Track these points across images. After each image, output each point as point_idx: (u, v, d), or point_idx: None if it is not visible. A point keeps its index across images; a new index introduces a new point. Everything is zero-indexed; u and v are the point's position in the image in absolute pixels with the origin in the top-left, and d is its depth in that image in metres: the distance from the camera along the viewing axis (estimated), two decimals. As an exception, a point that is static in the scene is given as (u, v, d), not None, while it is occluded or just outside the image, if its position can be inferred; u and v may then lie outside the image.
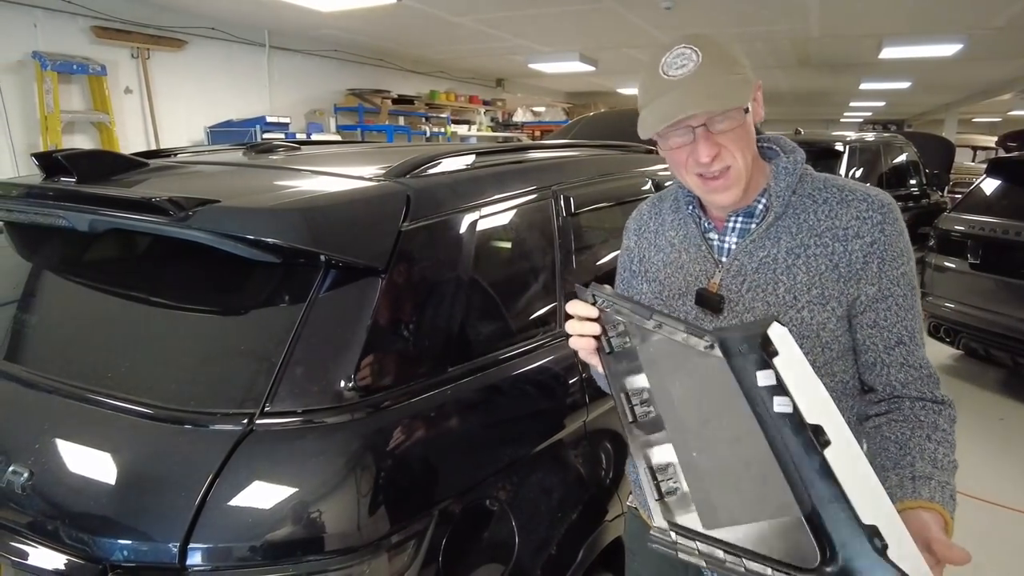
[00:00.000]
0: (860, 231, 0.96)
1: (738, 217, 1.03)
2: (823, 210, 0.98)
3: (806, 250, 0.97)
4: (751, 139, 0.97)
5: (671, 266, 1.09)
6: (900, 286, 0.97)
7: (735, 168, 0.95)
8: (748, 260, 1.00)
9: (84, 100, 5.17)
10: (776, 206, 0.99)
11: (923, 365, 0.99)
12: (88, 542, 0.94)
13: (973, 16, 5.62)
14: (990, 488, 3.05)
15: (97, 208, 1.18)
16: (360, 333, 1.06)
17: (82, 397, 1.08)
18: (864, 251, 0.96)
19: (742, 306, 1.00)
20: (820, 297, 0.97)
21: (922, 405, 0.98)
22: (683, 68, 0.91)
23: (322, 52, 7.38)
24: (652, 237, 1.15)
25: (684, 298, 1.06)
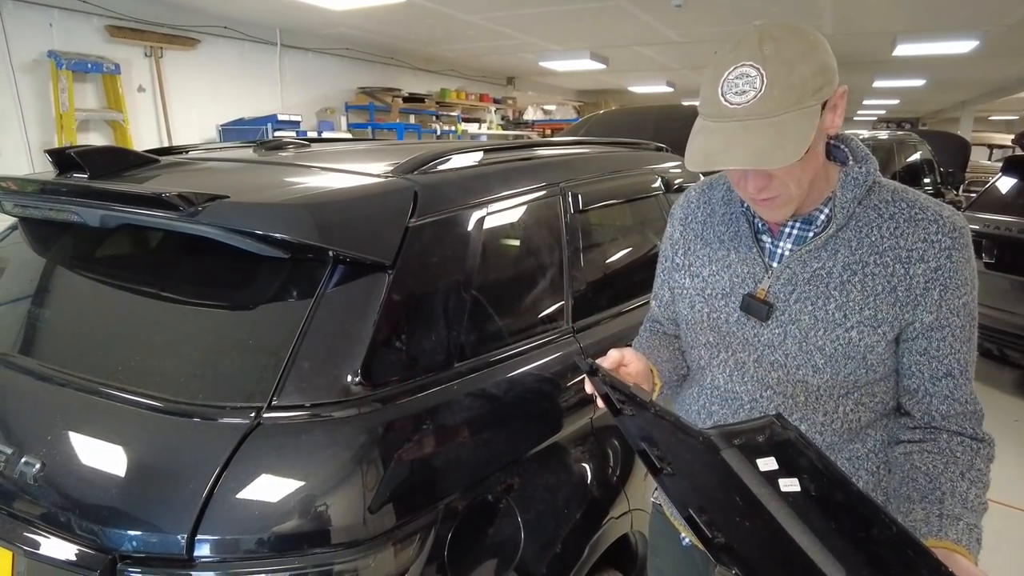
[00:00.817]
0: (926, 255, 0.89)
1: (796, 223, 0.97)
2: (888, 226, 0.91)
3: (864, 267, 0.91)
4: (812, 165, 0.89)
5: (718, 263, 1.04)
6: (960, 316, 0.91)
7: (785, 195, 0.89)
8: (801, 269, 0.95)
9: (98, 99, 5.22)
10: (839, 217, 0.92)
11: (969, 400, 0.94)
12: (98, 532, 0.95)
13: (988, 13, 5.55)
14: (1004, 491, 3.01)
15: (108, 203, 1.19)
16: (367, 328, 1.07)
17: (93, 390, 1.09)
18: (927, 276, 0.89)
19: (788, 316, 0.95)
20: (872, 319, 0.91)
21: (960, 440, 0.93)
22: (743, 96, 0.81)
23: (333, 50, 7.41)
24: (699, 229, 1.09)
25: (728, 299, 1.01)
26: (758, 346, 0.98)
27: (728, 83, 0.83)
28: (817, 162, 0.91)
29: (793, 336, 0.95)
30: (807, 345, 0.94)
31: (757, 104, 0.81)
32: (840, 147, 0.98)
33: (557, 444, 1.37)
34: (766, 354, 0.98)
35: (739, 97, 0.82)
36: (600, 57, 7.94)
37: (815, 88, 0.82)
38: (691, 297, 1.07)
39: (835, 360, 0.93)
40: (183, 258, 1.30)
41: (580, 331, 1.53)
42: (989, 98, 12.40)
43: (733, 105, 0.82)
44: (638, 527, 1.56)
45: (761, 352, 0.98)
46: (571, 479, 1.38)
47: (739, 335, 1.00)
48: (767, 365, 0.98)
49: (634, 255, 1.96)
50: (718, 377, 1.06)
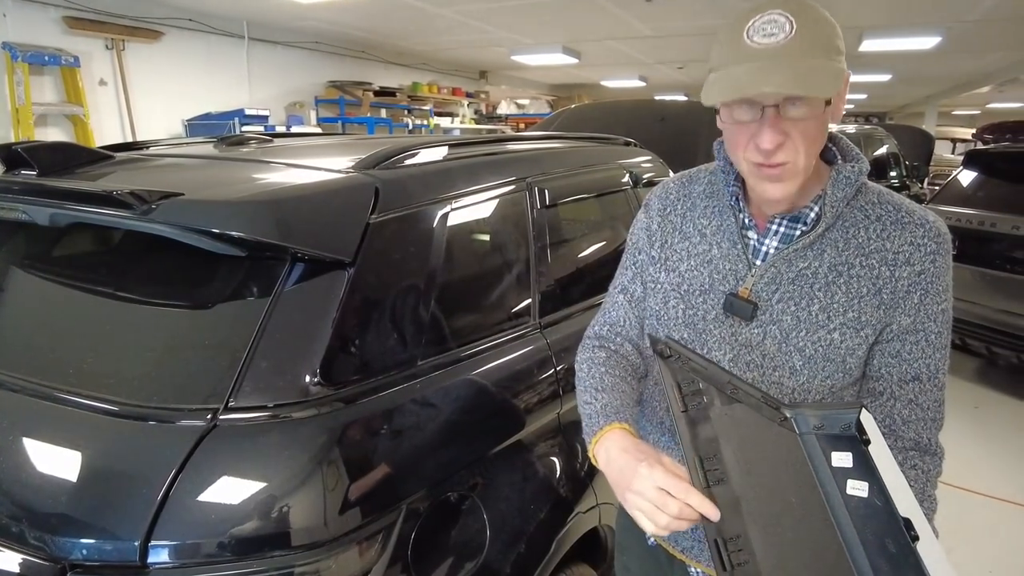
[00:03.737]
0: (912, 258, 0.88)
1: (783, 220, 0.94)
2: (875, 228, 0.90)
3: (850, 269, 0.90)
4: (822, 137, 0.87)
5: (697, 258, 1.00)
6: (936, 322, 0.90)
7: (794, 165, 0.85)
8: (786, 269, 0.92)
9: (57, 92, 5.08)
10: (829, 216, 0.90)
11: (932, 407, 0.92)
12: (48, 541, 0.92)
13: (950, 10, 5.67)
14: (964, 475, 3.10)
15: (58, 202, 1.16)
16: (327, 327, 1.05)
17: (43, 394, 1.06)
18: (911, 280, 0.88)
19: (769, 316, 0.93)
20: (856, 321, 0.89)
21: (912, 464, 0.91)
22: (772, 37, 0.79)
23: (302, 44, 7.30)
24: (678, 222, 1.05)
25: (706, 295, 0.98)
26: (735, 345, 0.96)
27: (754, 28, 0.81)
28: (824, 138, 0.88)
29: (773, 336, 0.93)
30: (787, 346, 0.92)
31: (787, 44, 0.79)
32: (829, 146, 0.96)
33: (523, 440, 1.37)
34: (742, 354, 0.95)
35: (767, 38, 0.80)
36: (572, 51, 7.95)
37: (838, 50, 0.82)
38: (665, 292, 1.03)
39: (814, 362, 0.91)
40: (137, 257, 1.27)
41: (547, 327, 1.53)
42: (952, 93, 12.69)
43: (760, 45, 0.80)
44: (607, 521, 1.56)
45: (737, 352, 0.96)
46: (537, 475, 1.38)
47: (715, 333, 0.98)
48: (742, 365, 0.96)
49: (602, 250, 1.96)
50: None
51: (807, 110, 0.81)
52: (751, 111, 0.83)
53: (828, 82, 0.80)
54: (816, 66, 0.79)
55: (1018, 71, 9.15)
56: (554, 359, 1.48)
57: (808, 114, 0.82)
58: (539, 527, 1.33)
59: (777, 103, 0.81)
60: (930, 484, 0.91)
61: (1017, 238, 3.85)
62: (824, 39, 0.81)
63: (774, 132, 0.82)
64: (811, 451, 0.76)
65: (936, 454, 0.93)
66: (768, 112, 0.82)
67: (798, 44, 0.79)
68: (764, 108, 0.82)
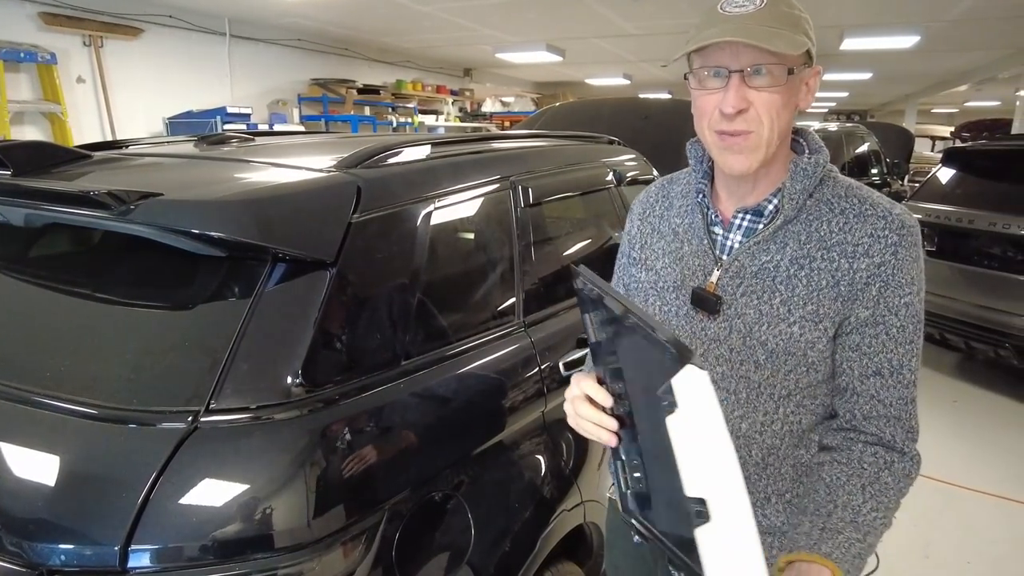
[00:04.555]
0: (871, 250, 0.88)
1: (746, 214, 0.96)
2: (838, 221, 0.90)
3: (811, 262, 0.90)
4: (786, 112, 0.88)
5: (670, 255, 1.03)
6: (898, 316, 0.88)
7: (757, 135, 0.87)
8: (749, 262, 0.93)
9: (34, 90, 4.99)
10: (787, 209, 0.91)
11: (895, 404, 0.90)
12: (25, 548, 0.91)
13: (928, 9, 5.75)
14: (943, 468, 3.15)
15: (34, 202, 1.14)
16: (308, 328, 1.05)
17: (18, 398, 1.04)
18: (869, 272, 0.88)
19: (734, 310, 0.94)
20: (814, 314, 0.90)
21: (873, 452, 0.90)
22: (742, 7, 0.85)
23: (285, 41, 7.23)
24: (656, 222, 1.08)
25: (679, 291, 1.00)
26: (704, 340, 0.97)
27: (728, 1, 0.86)
28: (788, 118, 0.89)
29: (738, 330, 0.94)
30: (751, 340, 0.93)
31: (756, 14, 0.84)
32: (799, 140, 0.98)
33: (508, 439, 1.37)
34: (711, 348, 0.97)
35: (738, 8, 0.85)
36: (557, 49, 7.95)
37: (806, 32, 0.86)
38: (645, 291, 1.06)
39: (776, 356, 0.92)
40: (116, 258, 1.25)
41: (531, 326, 1.53)
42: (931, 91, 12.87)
43: (731, 13, 0.85)
44: (592, 518, 1.57)
45: (707, 347, 0.97)
46: (522, 473, 1.39)
47: (687, 329, 1.00)
48: (712, 360, 0.97)
49: (587, 248, 1.97)
50: None
51: (770, 79, 0.85)
52: (718, 79, 0.87)
53: (787, 43, 0.83)
54: (779, 32, 0.83)
55: (994, 70, 9.30)
56: (538, 358, 1.48)
57: (771, 81, 0.85)
58: (524, 525, 1.33)
59: (741, 68, 0.85)
60: (888, 472, 0.88)
61: (994, 234, 3.92)
62: (793, 18, 0.85)
63: (737, 96, 0.85)
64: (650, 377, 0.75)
65: (905, 453, 0.90)
66: (733, 77, 0.85)
67: (767, 13, 0.84)
68: (730, 74, 0.85)
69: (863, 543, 0.84)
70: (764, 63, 0.84)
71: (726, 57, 0.86)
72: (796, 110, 0.91)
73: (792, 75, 0.86)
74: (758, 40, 0.82)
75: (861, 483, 0.88)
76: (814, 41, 0.88)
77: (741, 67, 0.85)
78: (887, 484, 0.88)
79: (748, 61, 0.84)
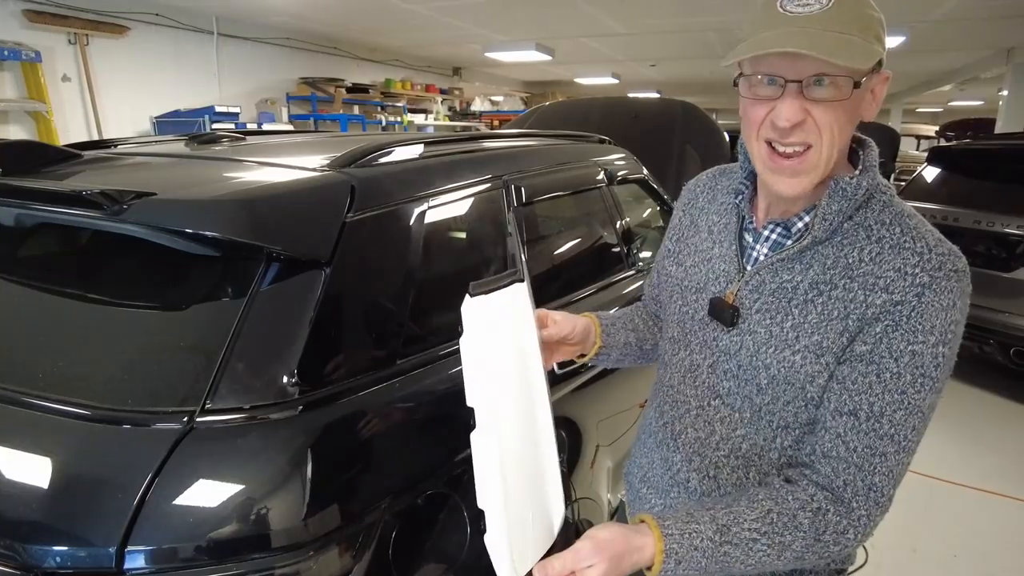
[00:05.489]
0: (891, 285, 0.77)
1: (776, 227, 0.89)
2: (871, 250, 0.80)
3: (831, 290, 0.81)
4: (848, 126, 0.79)
5: (700, 254, 0.98)
6: (898, 363, 0.77)
7: (815, 153, 0.78)
8: (770, 279, 0.87)
9: (18, 88, 4.93)
10: (817, 230, 0.82)
11: (860, 452, 0.78)
12: (19, 550, 0.90)
13: (913, 10, 5.81)
14: (929, 463, 3.19)
15: (25, 202, 1.13)
16: (303, 327, 1.05)
17: (11, 399, 1.03)
18: (882, 308, 0.77)
19: (747, 326, 0.88)
20: (818, 346, 0.81)
21: (811, 493, 0.80)
22: (807, 7, 0.74)
23: (273, 40, 7.19)
24: (696, 215, 1.02)
25: (699, 295, 0.95)
26: (715, 351, 0.92)
27: None
28: (850, 131, 0.81)
29: (747, 348, 0.88)
30: (756, 361, 0.87)
31: (821, 15, 0.74)
32: (856, 150, 0.87)
33: (503, 437, 1.37)
34: (721, 361, 0.92)
35: (801, 8, 0.75)
36: (546, 48, 7.95)
37: (878, 36, 0.76)
38: (671, 287, 1.02)
39: (776, 383, 0.85)
40: (109, 258, 1.24)
41: (525, 324, 1.54)
42: (916, 91, 13.01)
43: (793, 13, 0.75)
44: (585, 516, 1.58)
45: (717, 358, 0.92)
46: (517, 471, 1.39)
47: (699, 335, 0.95)
48: (720, 373, 0.92)
49: (579, 247, 1.98)
50: (673, 376, 1.01)
51: (833, 91, 0.75)
52: (772, 87, 0.77)
53: (859, 55, 0.73)
54: (850, 40, 0.73)
55: (978, 70, 9.41)
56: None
57: (835, 94, 0.75)
58: (519, 523, 1.33)
59: (800, 79, 0.75)
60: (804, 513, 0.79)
61: (978, 232, 3.97)
62: (865, 19, 0.75)
63: (793, 108, 0.76)
64: None
65: (851, 510, 0.79)
66: (790, 87, 0.76)
67: (835, 15, 0.74)
68: (787, 83, 0.76)
69: (715, 547, 0.77)
70: (828, 73, 0.74)
71: (784, 65, 0.76)
72: (859, 121, 0.82)
73: (859, 87, 0.76)
74: (825, 53, 0.71)
75: (768, 507, 0.80)
76: (885, 44, 0.78)
77: (800, 77, 0.75)
78: (799, 526, 0.79)
79: (810, 71, 0.74)
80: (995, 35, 7.15)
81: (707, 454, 0.96)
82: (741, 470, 0.93)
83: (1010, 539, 2.68)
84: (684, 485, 0.99)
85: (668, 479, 1.02)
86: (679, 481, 1.00)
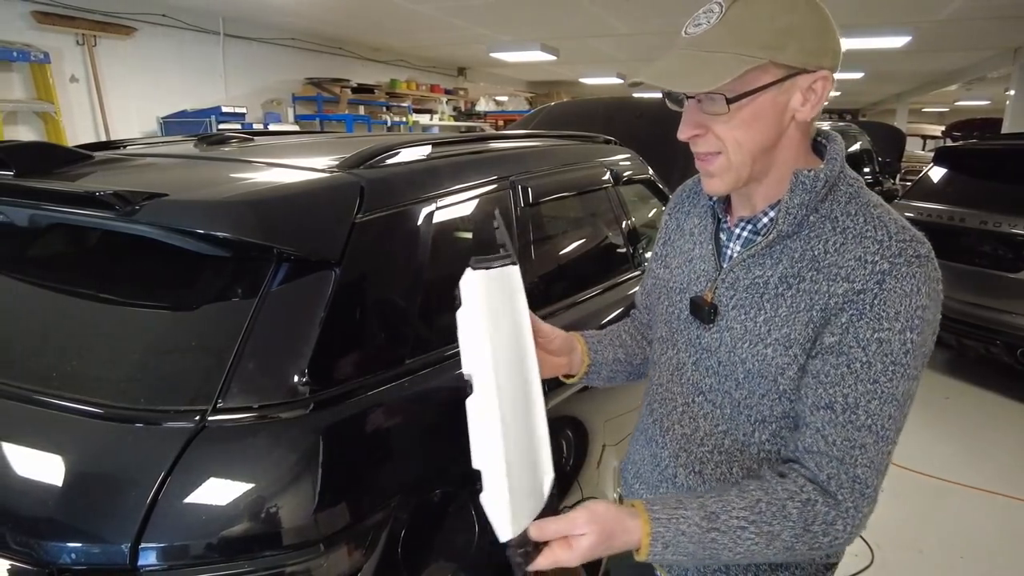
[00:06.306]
0: (852, 274, 0.79)
1: (746, 224, 0.92)
2: (836, 241, 0.82)
3: (799, 282, 0.83)
4: (756, 133, 0.81)
5: (683, 255, 1.01)
6: (865, 351, 0.78)
7: (725, 158, 0.82)
8: (743, 275, 0.89)
9: (26, 89, 4.96)
10: (783, 224, 0.84)
11: (840, 445, 0.79)
12: (34, 546, 0.91)
13: (918, 10, 5.79)
14: (935, 464, 3.18)
15: (38, 203, 1.14)
16: (314, 327, 1.06)
17: (26, 398, 1.05)
18: (845, 297, 0.79)
19: (725, 322, 0.91)
20: (787, 338, 0.84)
21: (801, 484, 0.80)
22: (696, 28, 0.80)
23: (279, 40, 7.21)
24: (681, 219, 1.06)
25: (683, 295, 0.98)
26: (698, 348, 0.96)
27: (694, 16, 0.82)
28: (768, 137, 0.82)
29: (726, 344, 0.91)
30: (734, 356, 0.90)
31: (701, 36, 0.79)
32: (823, 143, 0.90)
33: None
34: (703, 358, 0.95)
35: (693, 28, 0.81)
36: (550, 48, 7.95)
37: (769, 43, 0.77)
38: (659, 289, 1.06)
39: (752, 377, 0.88)
40: (121, 258, 1.26)
41: (532, 324, 1.54)
42: (922, 91, 12.96)
43: (688, 35, 0.81)
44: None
45: (699, 356, 0.96)
46: (524, 471, 1.40)
47: (684, 334, 0.99)
48: (703, 370, 0.95)
49: (585, 247, 1.98)
50: (662, 375, 1.04)
51: (714, 107, 0.80)
52: (678, 103, 0.85)
53: (707, 78, 0.76)
54: (708, 64, 0.77)
55: (984, 70, 9.38)
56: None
57: (716, 110, 0.80)
58: (526, 522, 1.34)
59: (694, 95, 0.82)
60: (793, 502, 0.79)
61: (985, 232, 3.96)
62: (751, 29, 0.77)
63: (687, 124, 0.84)
64: None
65: (838, 502, 0.79)
66: (690, 103, 0.83)
67: (712, 36, 0.78)
68: (687, 99, 0.83)
69: (702, 533, 0.77)
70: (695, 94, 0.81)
71: None
72: (791, 123, 0.83)
73: (738, 102, 0.78)
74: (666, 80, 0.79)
75: (758, 496, 0.80)
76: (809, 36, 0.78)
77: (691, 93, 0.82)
78: (788, 515, 0.79)
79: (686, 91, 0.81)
80: (1001, 34, 7.12)
81: (693, 450, 0.99)
82: (724, 465, 0.96)
83: (1017, 541, 2.67)
84: (672, 480, 1.02)
85: (657, 474, 1.05)
86: (667, 476, 1.03)
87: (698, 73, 0.77)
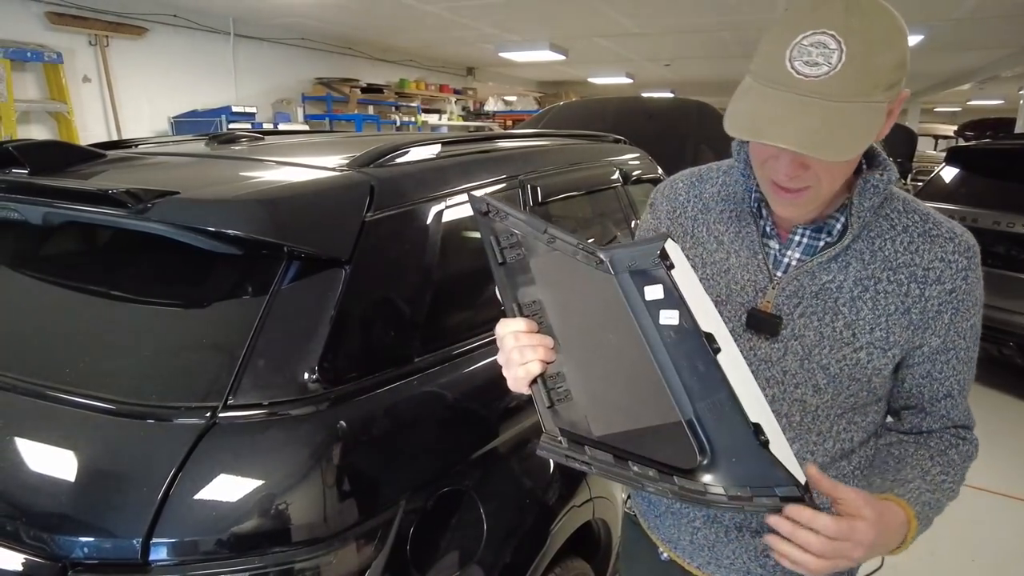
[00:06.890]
0: (942, 276, 0.84)
1: (807, 230, 0.89)
2: (902, 240, 0.85)
3: (876, 284, 0.85)
4: (849, 168, 0.81)
5: (713, 266, 0.95)
6: (966, 339, 0.88)
7: (815, 191, 0.80)
8: (810, 282, 0.87)
9: (40, 89, 5.01)
10: (855, 228, 0.85)
11: (960, 416, 0.93)
12: (47, 540, 0.92)
13: (933, 8, 5.74)
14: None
15: (52, 201, 1.15)
16: (324, 324, 1.06)
17: (40, 394, 1.06)
18: (941, 299, 0.84)
19: (790, 331, 0.88)
20: (884, 341, 0.85)
21: (940, 435, 0.93)
22: (814, 68, 0.71)
23: (289, 40, 7.25)
24: (690, 225, 0.99)
25: (722, 307, 0.92)
26: (753, 360, 0.91)
27: (800, 48, 0.72)
28: (851, 169, 0.83)
29: (795, 352, 0.88)
30: (809, 363, 0.88)
31: (827, 82, 0.71)
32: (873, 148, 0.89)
33: (519, 435, 1.38)
34: (761, 369, 0.91)
35: (809, 68, 0.72)
36: (560, 48, 7.95)
37: (890, 83, 0.73)
38: None
39: (839, 381, 0.88)
40: (133, 255, 1.27)
41: (541, 323, 1.54)
42: (934, 90, 12.85)
43: (799, 76, 0.72)
44: (600, 515, 1.58)
45: (756, 367, 0.91)
46: (533, 470, 1.40)
47: None
48: (762, 381, 0.90)
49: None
50: None
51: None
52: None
53: (852, 142, 0.72)
54: (847, 121, 0.71)
55: (998, 69, 9.28)
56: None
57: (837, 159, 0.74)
58: (535, 521, 1.34)
59: None
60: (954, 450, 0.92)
61: (998, 233, 3.92)
62: (876, 72, 0.72)
63: (792, 166, 0.77)
64: (626, 289, 0.79)
65: (967, 440, 0.94)
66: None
67: (840, 84, 0.71)
68: None
69: (932, 495, 0.86)
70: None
71: None
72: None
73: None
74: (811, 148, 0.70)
75: (929, 453, 0.91)
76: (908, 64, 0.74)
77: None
78: (953, 459, 0.91)
79: None
80: (1016, 33, 7.05)
81: None
82: None
83: (1029, 544, 2.65)
84: None
85: None
86: None
87: (842, 136, 0.71)
